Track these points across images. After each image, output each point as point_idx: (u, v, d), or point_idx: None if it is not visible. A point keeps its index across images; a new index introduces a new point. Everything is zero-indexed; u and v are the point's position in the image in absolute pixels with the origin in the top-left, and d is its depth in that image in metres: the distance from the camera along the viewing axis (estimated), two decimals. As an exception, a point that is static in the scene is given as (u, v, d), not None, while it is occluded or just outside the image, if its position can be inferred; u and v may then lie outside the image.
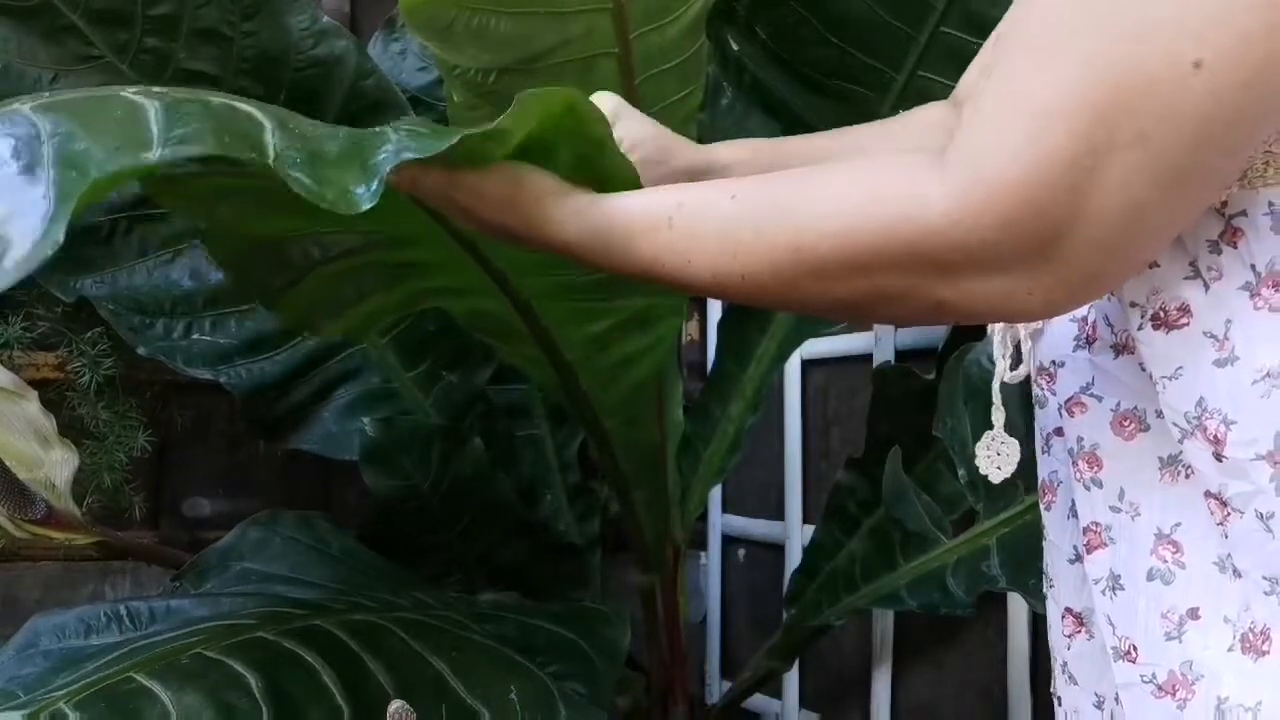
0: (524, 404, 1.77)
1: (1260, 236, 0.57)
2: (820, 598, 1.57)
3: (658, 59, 1.23)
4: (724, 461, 1.63)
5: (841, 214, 0.58)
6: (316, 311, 1.11)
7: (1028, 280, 0.54)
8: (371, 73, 1.58)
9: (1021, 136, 0.52)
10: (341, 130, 0.68)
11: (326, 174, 0.61)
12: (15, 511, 1.22)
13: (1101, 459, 0.66)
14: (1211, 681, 0.59)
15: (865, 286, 0.58)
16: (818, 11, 1.36)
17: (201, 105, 0.64)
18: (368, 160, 0.63)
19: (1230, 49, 0.49)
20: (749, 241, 0.60)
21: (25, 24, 1.45)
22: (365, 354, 1.68)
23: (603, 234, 0.66)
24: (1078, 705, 0.70)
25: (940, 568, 1.43)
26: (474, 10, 1.11)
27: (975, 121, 0.55)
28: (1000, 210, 0.52)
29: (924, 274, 0.56)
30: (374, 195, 0.61)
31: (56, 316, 1.67)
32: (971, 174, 0.53)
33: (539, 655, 1.21)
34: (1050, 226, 0.52)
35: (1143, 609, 0.63)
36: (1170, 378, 0.60)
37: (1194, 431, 0.59)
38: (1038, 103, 0.52)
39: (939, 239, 0.55)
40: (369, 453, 1.60)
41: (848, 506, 1.61)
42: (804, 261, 0.59)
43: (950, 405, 1.41)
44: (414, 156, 0.63)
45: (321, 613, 1.10)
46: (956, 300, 0.56)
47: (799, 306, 0.64)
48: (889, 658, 1.72)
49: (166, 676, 0.90)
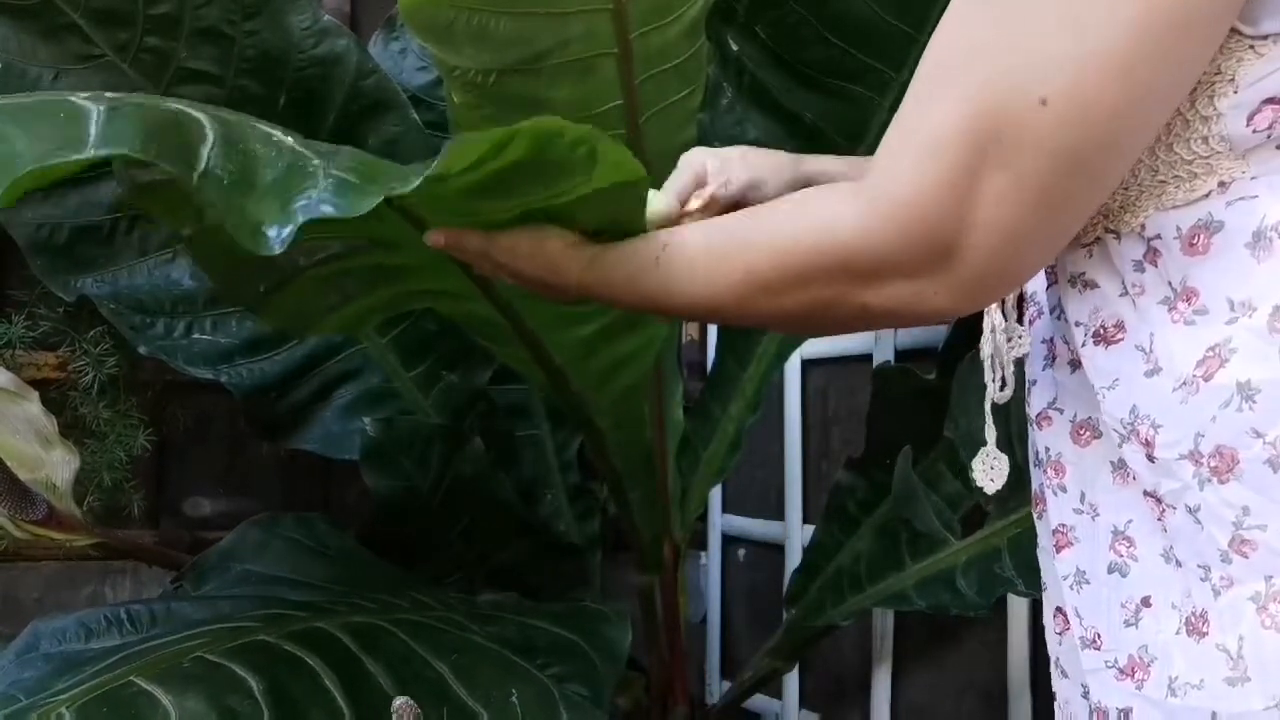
0: (524, 404, 1.77)
1: (1173, 256, 0.63)
2: (824, 597, 1.56)
3: (658, 59, 1.23)
4: (724, 461, 1.63)
5: (779, 237, 0.68)
6: (303, 315, 1.11)
7: (931, 283, 0.63)
8: (372, 72, 1.58)
9: (910, 163, 0.61)
10: (285, 159, 0.68)
11: (245, 205, 0.63)
12: (16, 512, 1.22)
13: (1064, 466, 0.73)
14: (1164, 663, 0.64)
15: (805, 298, 0.68)
16: (818, 12, 1.35)
17: (146, 111, 0.65)
18: (288, 203, 0.64)
19: (1069, 89, 0.57)
20: (713, 269, 0.71)
21: (25, 22, 1.45)
22: (365, 354, 1.68)
23: (610, 277, 0.77)
24: (1068, 696, 0.75)
25: (950, 568, 1.43)
26: (473, 11, 1.10)
27: (881, 152, 0.64)
28: (898, 225, 0.62)
29: (848, 282, 0.66)
30: (284, 241, 0.62)
31: (58, 316, 1.67)
32: (875, 196, 0.63)
33: (539, 656, 1.21)
34: (941, 238, 0.61)
35: (1105, 600, 0.69)
36: (1109, 388, 0.67)
37: (1130, 436, 0.66)
38: (922, 135, 0.61)
39: (854, 251, 0.65)
40: (369, 453, 1.60)
41: (848, 506, 1.61)
42: (755, 281, 0.69)
43: (962, 407, 1.41)
44: (331, 213, 0.64)
45: (322, 615, 1.10)
46: (877, 303, 0.66)
47: (757, 321, 0.77)
48: (889, 658, 1.72)
49: (167, 680, 0.90)
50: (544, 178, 0.77)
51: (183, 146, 0.64)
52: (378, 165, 0.73)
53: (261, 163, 0.66)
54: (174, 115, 0.66)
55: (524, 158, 0.75)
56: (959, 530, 1.45)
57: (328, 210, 0.64)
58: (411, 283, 1.09)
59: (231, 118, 0.69)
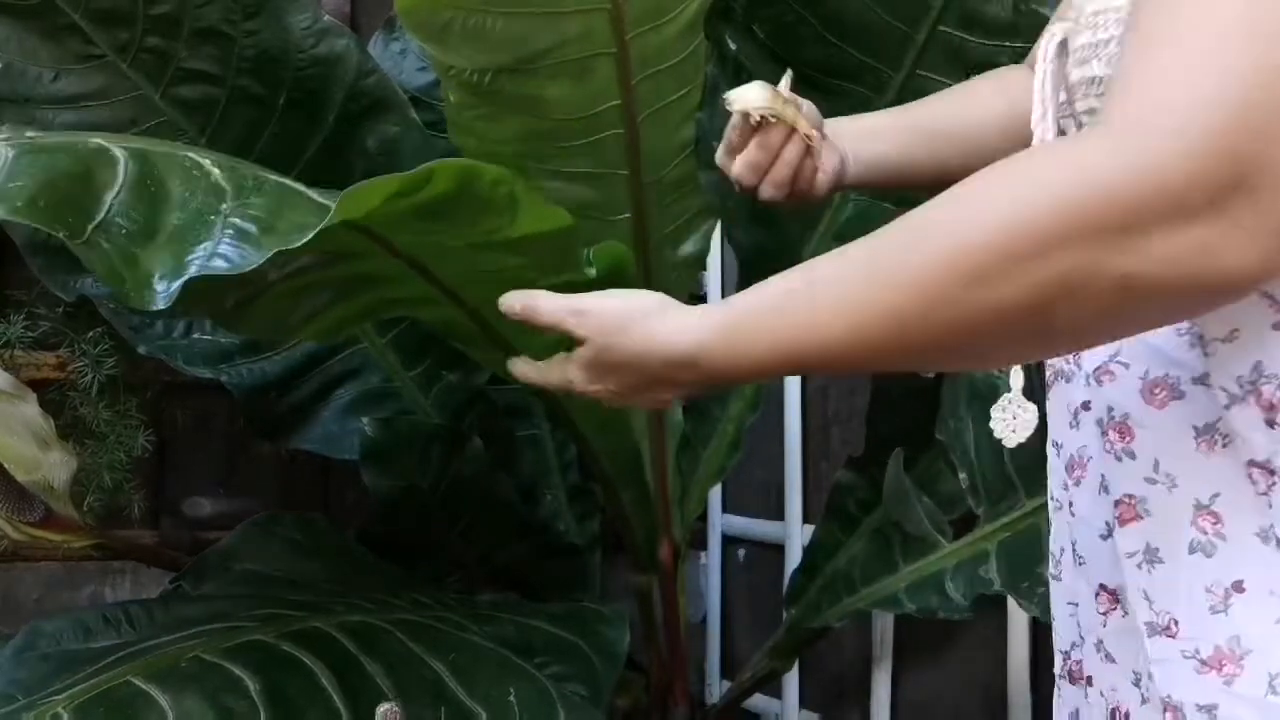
0: (524, 404, 1.77)
1: None
2: (820, 599, 1.56)
3: (655, 59, 1.23)
4: (724, 461, 1.63)
5: (995, 203, 0.53)
6: (276, 326, 1.11)
7: (1224, 228, 0.48)
8: (372, 72, 1.59)
9: (1212, 85, 0.49)
10: (197, 200, 0.68)
11: (140, 256, 0.63)
12: (14, 514, 1.22)
13: (1132, 428, 0.64)
14: (1262, 656, 0.58)
15: (1038, 279, 0.51)
16: (815, 11, 1.35)
17: (54, 159, 0.65)
18: (184, 254, 0.64)
19: None
20: (900, 262, 0.56)
21: (26, 23, 1.46)
22: (365, 354, 1.68)
23: (730, 329, 0.65)
24: (1114, 683, 0.68)
25: (939, 571, 1.43)
26: (470, 10, 1.11)
27: (1144, 81, 0.51)
28: (1195, 156, 0.48)
29: (1104, 242, 0.50)
30: (170, 297, 0.62)
31: (58, 316, 1.67)
32: (1159, 127, 0.50)
33: (538, 656, 1.21)
34: (1243, 166, 0.48)
35: (1184, 582, 0.61)
36: (1224, 340, 0.58)
37: (1245, 397, 0.57)
38: (1223, 56, 0.49)
39: (1119, 189, 0.50)
40: (369, 453, 1.60)
41: (848, 506, 1.60)
42: (960, 269, 0.53)
43: (953, 407, 1.40)
44: (224, 268, 0.64)
45: (320, 614, 1.11)
46: (1145, 269, 0.50)
47: (954, 334, 0.56)
48: (889, 658, 1.71)
49: (165, 680, 0.90)
50: (471, 212, 0.78)
51: (82, 198, 0.64)
52: (289, 206, 0.73)
53: (170, 205, 0.66)
54: (89, 158, 0.66)
55: (450, 191, 0.76)
56: (950, 533, 1.44)
57: (220, 265, 0.64)
58: (384, 290, 1.09)
59: (158, 151, 0.69)
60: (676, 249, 1.47)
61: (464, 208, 0.81)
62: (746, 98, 0.82)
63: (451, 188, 0.77)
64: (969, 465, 1.40)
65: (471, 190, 0.78)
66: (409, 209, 0.79)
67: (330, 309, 1.10)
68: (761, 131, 0.84)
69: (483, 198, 0.80)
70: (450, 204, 0.79)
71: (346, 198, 0.72)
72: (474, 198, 0.80)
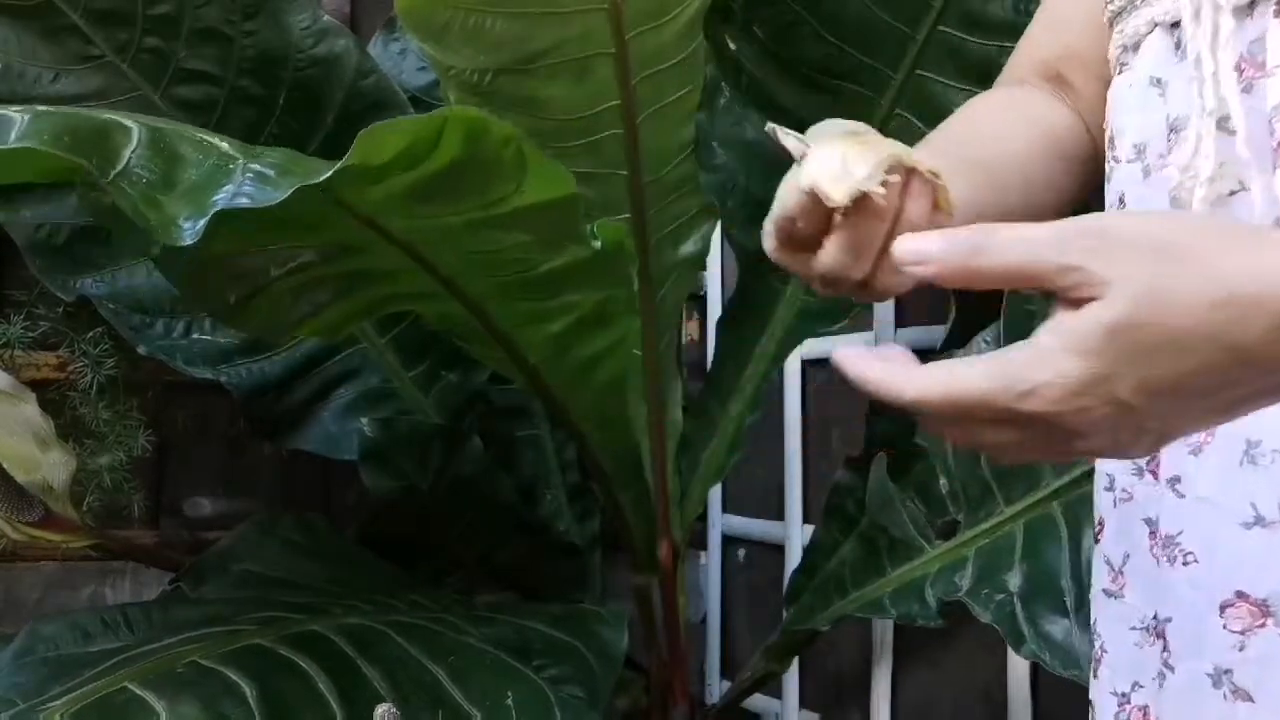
0: (524, 404, 1.77)
1: None
2: (814, 601, 1.56)
3: (655, 59, 1.23)
4: (724, 461, 1.63)
5: None
6: (277, 322, 1.11)
7: None
8: (372, 72, 1.58)
9: None
10: (211, 160, 0.69)
11: (163, 200, 0.64)
12: (13, 514, 1.22)
13: None
14: None
15: None
16: (815, 10, 1.35)
17: (70, 117, 0.67)
18: (205, 198, 0.65)
19: None
20: None
21: (26, 23, 1.46)
22: (365, 354, 1.68)
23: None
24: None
25: (922, 577, 1.41)
26: (470, 11, 1.11)
27: None
28: None
29: None
30: (196, 233, 0.63)
31: (57, 316, 1.67)
32: None
33: (536, 658, 1.21)
34: None
35: None
36: None
37: None
38: None
39: None
40: (368, 453, 1.60)
41: (847, 506, 1.60)
42: None
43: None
44: (246, 204, 0.65)
45: (318, 617, 1.11)
46: None
47: None
48: (889, 658, 1.71)
49: (161, 686, 0.90)
50: (479, 180, 0.77)
51: (102, 146, 0.65)
52: (302, 160, 0.74)
53: (186, 164, 0.67)
54: (103, 123, 0.68)
55: (460, 155, 0.75)
56: (933, 537, 1.44)
57: (243, 201, 0.65)
58: (385, 286, 1.09)
59: (167, 126, 0.71)
60: (676, 249, 1.47)
61: (471, 174, 0.77)
62: (827, 172, 0.51)
63: (459, 153, 0.74)
64: (949, 471, 1.40)
65: (479, 154, 0.75)
66: (408, 188, 0.78)
67: (330, 306, 1.10)
68: (858, 213, 0.54)
69: (491, 160, 0.76)
70: (458, 171, 0.77)
71: (362, 139, 0.72)
72: (481, 163, 0.76)
